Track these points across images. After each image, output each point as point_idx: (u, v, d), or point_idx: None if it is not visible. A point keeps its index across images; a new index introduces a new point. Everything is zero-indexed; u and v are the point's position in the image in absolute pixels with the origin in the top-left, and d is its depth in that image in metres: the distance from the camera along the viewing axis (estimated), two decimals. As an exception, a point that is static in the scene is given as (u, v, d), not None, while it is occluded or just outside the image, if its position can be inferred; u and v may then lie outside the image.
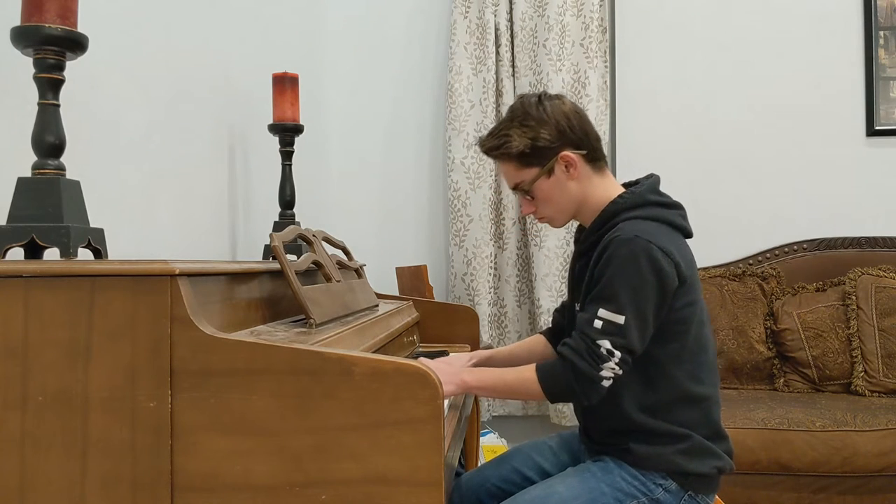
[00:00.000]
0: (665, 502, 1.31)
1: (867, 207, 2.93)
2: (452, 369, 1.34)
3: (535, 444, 1.58)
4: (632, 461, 1.33)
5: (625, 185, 1.46)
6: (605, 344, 1.25)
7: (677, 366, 1.33)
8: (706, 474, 1.33)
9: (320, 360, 0.86)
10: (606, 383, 1.27)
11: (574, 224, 1.56)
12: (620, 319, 1.25)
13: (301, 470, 0.86)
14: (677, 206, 1.42)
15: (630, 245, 1.27)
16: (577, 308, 1.42)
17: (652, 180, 1.43)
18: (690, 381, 1.33)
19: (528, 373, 1.31)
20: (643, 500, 1.31)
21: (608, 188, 1.42)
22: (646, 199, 1.38)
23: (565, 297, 2.86)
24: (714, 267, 2.92)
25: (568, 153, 1.38)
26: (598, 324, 1.26)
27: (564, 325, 1.56)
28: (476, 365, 1.58)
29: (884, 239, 2.88)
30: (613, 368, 1.26)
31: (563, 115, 1.39)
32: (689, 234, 1.41)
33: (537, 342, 1.64)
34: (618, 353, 1.25)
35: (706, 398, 1.35)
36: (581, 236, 1.46)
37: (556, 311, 1.66)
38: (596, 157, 1.42)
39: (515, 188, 1.44)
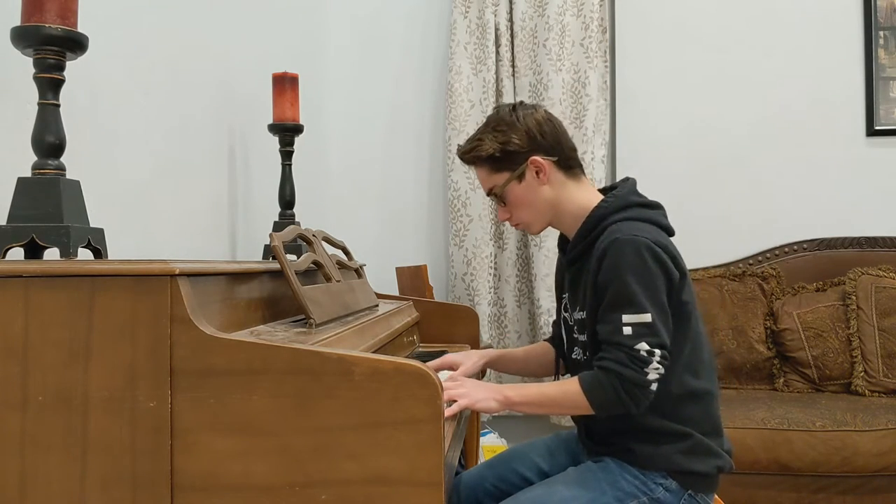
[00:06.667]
0: (666, 501, 1.31)
1: (867, 207, 2.93)
2: (494, 385, 1.34)
3: (533, 444, 1.58)
4: (633, 461, 1.34)
5: (601, 191, 1.47)
6: (642, 346, 1.25)
7: (679, 361, 1.33)
8: (707, 473, 1.34)
9: (320, 360, 0.86)
10: (654, 386, 1.26)
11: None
12: (647, 318, 1.26)
13: (301, 470, 0.86)
14: (658, 206, 1.43)
15: (632, 244, 1.28)
16: (575, 315, 1.42)
17: (630, 183, 1.45)
18: (689, 376, 1.34)
19: (571, 385, 1.30)
20: (644, 500, 1.31)
21: (586, 195, 1.44)
22: (629, 200, 1.39)
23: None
24: (714, 267, 2.92)
25: (537, 158, 1.40)
26: (627, 330, 1.26)
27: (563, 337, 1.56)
28: (486, 364, 1.59)
29: (884, 239, 2.88)
30: (657, 368, 1.26)
31: (535, 122, 1.41)
32: (671, 233, 1.42)
33: (546, 348, 1.64)
34: (657, 352, 1.26)
35: (705, 392, 1.36)
36: (568, 245, 1.46)
37: (555, 323, 1.66)
38: (569, 164, 1.44)
39: (489, 193, 1.46)
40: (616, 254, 1.28)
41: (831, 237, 2.92)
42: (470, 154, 1.44)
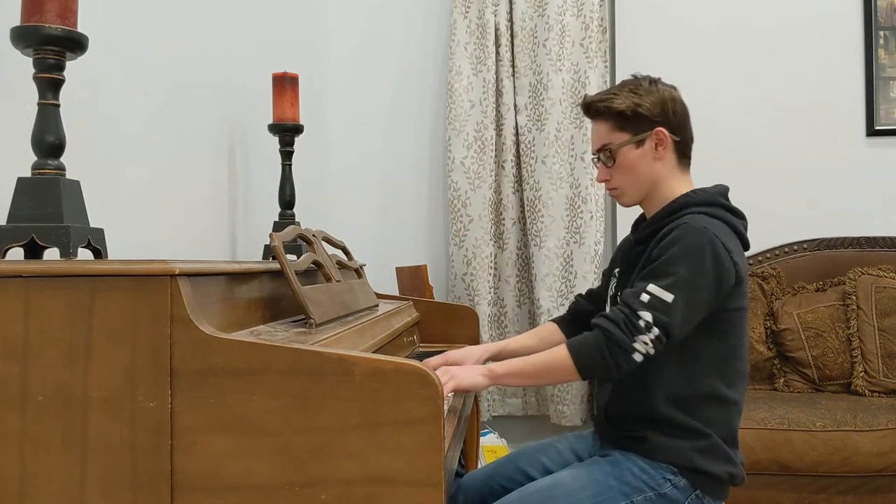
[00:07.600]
0: (672, 498, 1.31)
1: (867, 207, 2.93)
2: (478, 366, 1.34)
3: (541, 445, 1.58)
4: (645, 451, 1.33)
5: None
6: (646, 316, 1.24)
7: (714, 365, 1.33)
8: (717, 476, 1.33)
9: (320, 360, 0.86)
10: (638, 357, 1.24)
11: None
12: (669, 298, 1.24)
13: (301, 470, 0.86)
14: (743, 217, 1.45)
15: (698, 234, 1.29)
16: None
17: (722, 187, 1.47)
18: (722, 383, 1.33)
19: (559, 350, 1.29)
20: (650, 495, 1.30)
21: (684, 184, 1.45)
22: (716, 199, 1.41)
23: (566, 297, 2.89)
24: (714, 267, 2.92)
25: (663, 130, 1.41)
26: (644, 297, 1.25)
27: (591, 312, 1.55)
28: (490, 358, 1.58)
29: (884, 239, 2.88)
30: (646, 344, 1.23)
31: (672, 98, 1.44)
32: (747, 247, 1.42)
33: (549, 330, 1.63)
34: (655, 330, 1.24)
35: (734, 402, 1.36)
36: (643, 223, 1.46)
37: (581, 296, 1.64)
38: (685, 152, 1.47)
39: (600, 150, 1.45)
40: (679, 236, 1.29)
41: (831, 237, 2.92)
42: (601, 104, 1.43)
